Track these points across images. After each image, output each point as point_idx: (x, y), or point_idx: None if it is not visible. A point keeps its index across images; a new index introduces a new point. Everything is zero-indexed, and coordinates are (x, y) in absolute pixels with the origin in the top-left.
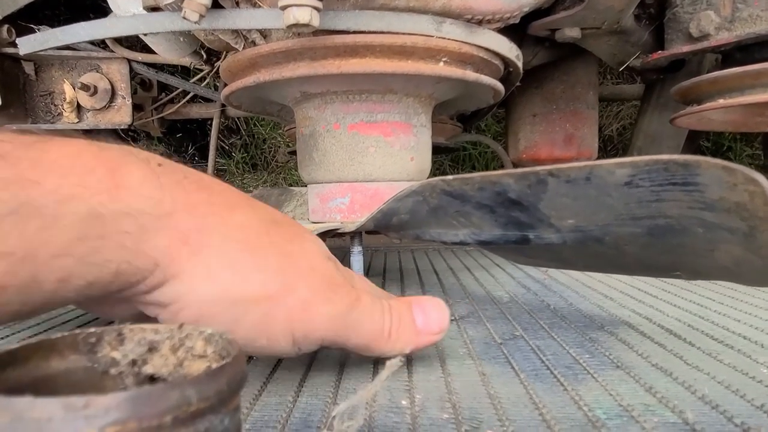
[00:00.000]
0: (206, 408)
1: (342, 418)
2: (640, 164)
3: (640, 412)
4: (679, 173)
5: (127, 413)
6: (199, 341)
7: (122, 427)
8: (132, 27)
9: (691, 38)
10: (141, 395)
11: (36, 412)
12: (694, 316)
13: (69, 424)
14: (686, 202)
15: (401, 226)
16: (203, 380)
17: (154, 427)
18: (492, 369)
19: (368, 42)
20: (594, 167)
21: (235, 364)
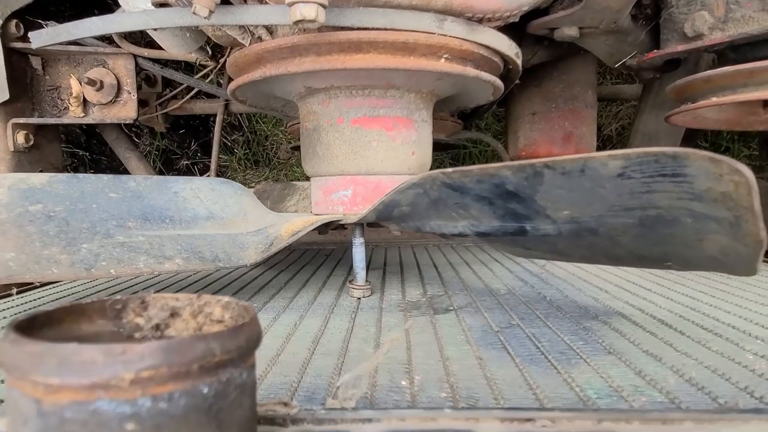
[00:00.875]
0: (228, 360)
1: (346, 388)
2: (632, 156)
3: (630, 393)
4: (669, 165)
5: (159, 360)
6: (217, 308)
7: (155, 372)
8: (143, 22)
9: (685, 38)
10: (172, 345)
11: (81, 356)
12: (686, 307)
13: (109, 367)
14: (676, 193)
15: (402, 218)
16: (226, 335)
17: (182, 373)
18: (489, 354)
19: (372, 38)
20: (588, 159)
21: (252, 325)
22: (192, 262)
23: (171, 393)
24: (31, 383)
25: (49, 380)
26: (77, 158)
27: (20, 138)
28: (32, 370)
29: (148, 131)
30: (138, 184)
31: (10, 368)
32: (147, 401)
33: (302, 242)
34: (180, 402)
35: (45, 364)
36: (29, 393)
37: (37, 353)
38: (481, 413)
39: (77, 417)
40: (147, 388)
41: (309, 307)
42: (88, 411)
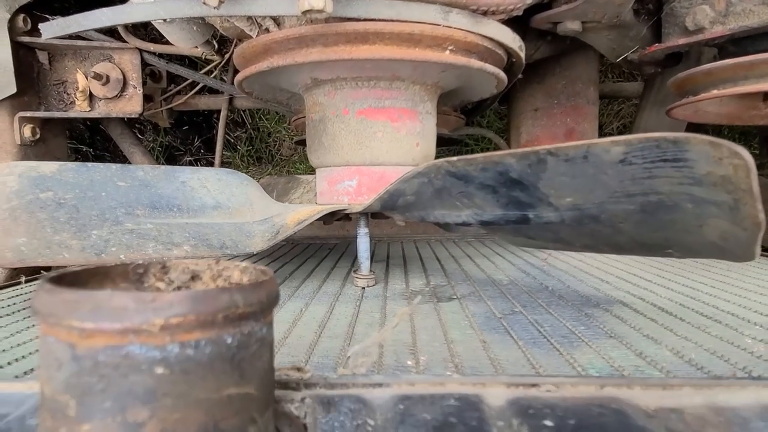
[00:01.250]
0: (250, 313)
1: (356, 357)
2: (634, 142)
3: (630, 372)
4: (670, 150)
5: (187, 308)
6: (236, 271)
7: (183, 319)
8: (152, 12)
9: (686, 31)
10: (199, 295)
11: (114, 302)
12: (686, 296)
13: (140, 313)
14: (676, 178)
15: (406, 208)
16: (248, 289)
17: (208, 322)
18: (492, 337)
19: (378, 29)
20: (591, 145)
21: (271, 283)
22: (200, 249)
23: (197, 341)
24: (66, 329)
25: (84, 324)
26: (81, 154)
27: (27, 131)
28: (67, 315)
29: (151, 127)
30: (146, 174)
31: (45, 315)
32: (175, 347)
33: (305, 236)
34: (206, 350)
35: (80, 309)
36: (64, 338)
37: (73, 300)
38: (487, 378)
39: (110, 360)
40: (175, 334)
41: (314, 295)
42: (120, 355)
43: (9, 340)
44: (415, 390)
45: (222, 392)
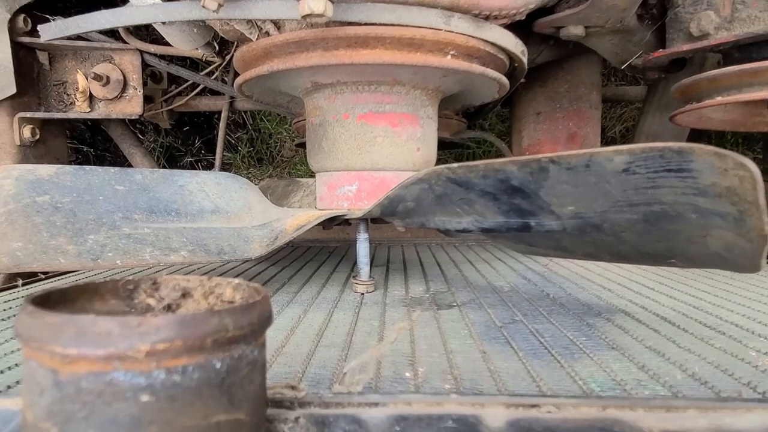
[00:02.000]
0: (240, 336)
1: (353, 373)
2: (637, 151)
3: (633, 386)
4: (674, 160)
5: (174, 333)
6: (228, 289)
7: (170, 345)
8: (152, 15)
9: (691, 37)
10: (186, 319)
11: (97, 327)
12: (689, 306)
13: (125, 339)
14: (680, 188)
15: (407, 214)
16: (238, 311)
17: (196, 347)
18: (492, 348)
19: (379, 34)
20: (593, 154)
21: (263, 303)
22: (197, 255)
23: (185, 366)
24: (49, 354)
25: (67, 350)
26: (81, 154)
27: (26, 132)
28: (50, 340)
29: (152, 128)
30: (144, 177)
31: (27, 339)
32: (161, 373)
33: (305, 239)
34: (194, 375)
35: (63, 334)
36: (46, 363)
37: (56, 324)
38: (486, 399)
39: (93, 387)
40: (162, 360)
41: (313, 301)
42: (104, 381)
43: (2, 347)
44: (412, 410)
45: (210, 419)
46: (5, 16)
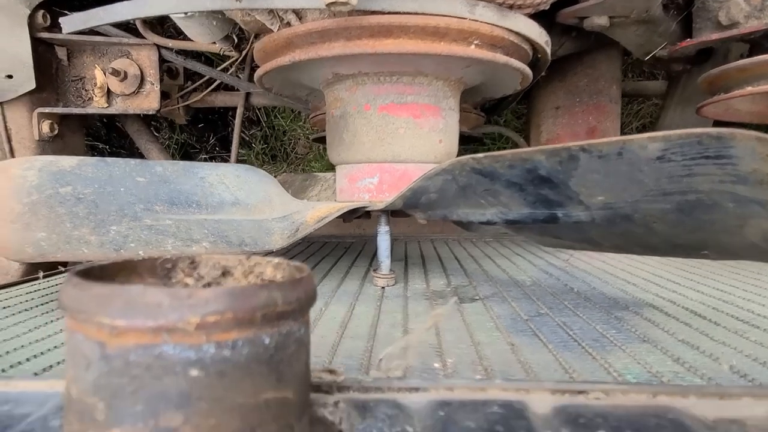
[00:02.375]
0: (289, 312)
1: (390, 359)
2: (673, 138)
3: (670, 378)
4: (713, 146)
5: (224, 305)
6: (269, 267)
7: (221, 317)
8: (174, 5)
9: (719, 26)
10: (236, 291)
11: (147, 297)
12: (718, 300)
13: (175, 310)
14: (718, 176)
15: (429, 206)
16: (287, 286)
17: (246, 321)
18: (520, 340)
19: (403, 23)
20: (627, 141)
21: (309, 280)
22: (219, 246)
23: (235, 341)
24: (96, 325)
25: (115, 322)
26: (97, 151)
27: (45, 127)
28: (98, 312)
29: (167, 125)
30: (165, 169)
31: (74, 311)
32: (211, 347)
33: (320, 234)
34: (243, 350)
35: (111, 305)
36: (93, 336)
37: (104, 295)
38: (531, 384)
39: (142, 361)
40: (211, 334)
41: (333, 294)
42: (152, 355)
43: (27, 336)
44: (455, 395)
45: (259, 397)
46: (25, 12)
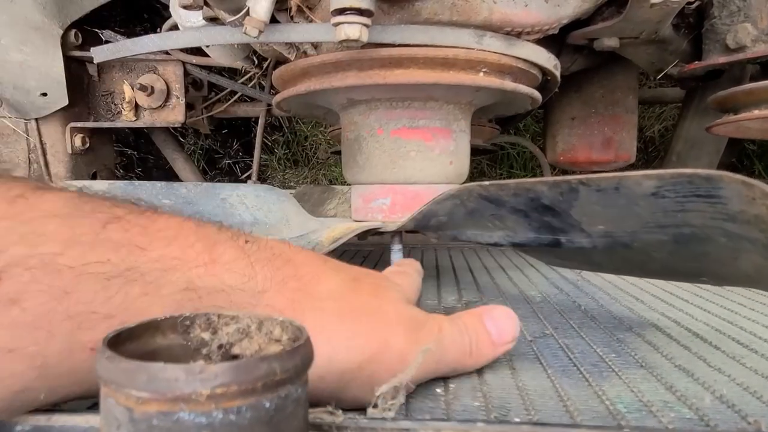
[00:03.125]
0: (286, 378)
1: (385, 398)
2: (666, 177)
3: (659, 408)
4: (703, 186)
5: (230, 378)
6: (277, 327)
7: (227, 389)
8: (196, 39)
9: (727, 49)
10: (240, 365)
11: (167, 373)
12: (723, 320)
13: (189, 384)
14: (709, 213)
15: (439, 227)
16: (285, 356)
17: (249, 390)
18: (521, 364)
19: (412, 54)
20: (622, 178)
21: (306, 346)
22: None
23: (239, 407)
24: (125, 395)
25: (140, 393)
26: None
27: (77, 141)
28: (126, 384)
29: (192, 131)
30: (189, 191)
31: (107, 381)
32: (219, 413)
33: None
34: (246, 415)
35: (137, 380)
36: (122, 403)
37: (130, 370)
38: (511, 428)
39: (163, 425)
40: (219, 402)
41: None
42: (171, 420)
43: None
44: None
45: None
46: (58, 32)
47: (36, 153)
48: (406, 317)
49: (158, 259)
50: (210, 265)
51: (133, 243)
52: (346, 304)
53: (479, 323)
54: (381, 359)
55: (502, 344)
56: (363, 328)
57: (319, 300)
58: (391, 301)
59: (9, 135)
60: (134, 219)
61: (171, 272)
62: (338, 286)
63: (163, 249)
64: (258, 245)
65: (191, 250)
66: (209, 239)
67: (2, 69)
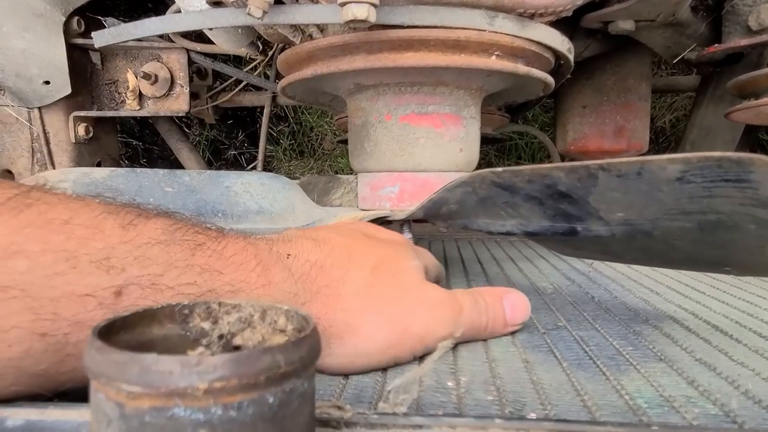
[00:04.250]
0: (292, 371)
1: (397, 392)
2: (693, 160)
3: (682, 404)
4: (733, 170)
5: (230, 371)
6: (281, 317)
7: (226, 383)
8: (199, 22)
9: (749, 31)
10: (241, 357)
11: (160, 366)
12: (743, 313)
13: (185, 377)
14: (738, 199)
15: (450, 216)
16: (289, 348)
17: (251, 384)
18: (535, 357)
19: (423, 36)
20: (645, 162)
21: (313, 336)
22: None
23: (240, 402)
24: (115, 389)
25: (131, 388)
26: (131, 147)
27: (81, 130)
28: (116, 377)
29: (197, 122)
30: (192, 179)
31: (96, 374)
32: (218, 409)
33: None
34: (248, 411)
35: (128, 372)
36: (113, 397)
37: (121, 362)
38: (531, 424)
39: (156, 421)
40: (218, 397)
41: None
42: (165, 416)
43: None
44: None
45: None
46: (60, 19)
47: (39, 142)
48: (426, 301)
49: (230, 282)
50: (267, 287)
51: (213, 268)
52: (369, 300)
53: (499, 304)
54: (402, 344)
55: (513, 325)
56: (384, 319)
57: (346, 300)
58: (410, 287)
59: (12, 124)
60: (212, 245)
61: (238, 294)
62: (361, 283)
63: (233, 274)
64: (299, 259)
65: (253, 273)
66: (265, 263)
67: (4, 56)
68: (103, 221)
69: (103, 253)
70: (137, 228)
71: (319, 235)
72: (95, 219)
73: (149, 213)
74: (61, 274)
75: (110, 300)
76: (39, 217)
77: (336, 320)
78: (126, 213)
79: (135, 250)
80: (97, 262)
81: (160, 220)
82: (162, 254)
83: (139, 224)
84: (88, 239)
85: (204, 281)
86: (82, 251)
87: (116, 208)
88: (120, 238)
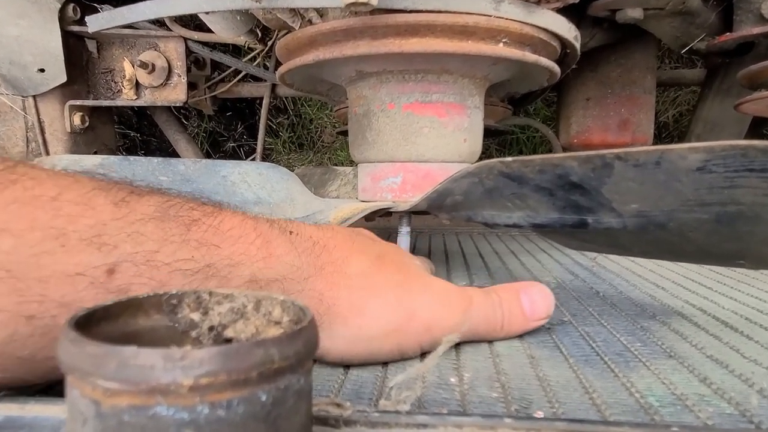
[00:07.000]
0: (287, 367)
1: (399, 389)
2: (716, 149)
3: (695, 402)
4: (759, 159)
5: (218, 366)
6: (277, 308)
7: (214, 379)
8: (195, 5)
9: (762, 19)
10: (231, 351)
11: (140, 359)
12: (752, 309)
13: (168, 372)
14: (762, 190)
15: (454, 207)
16: (284, 341)
17: (241, 381)
18: (540, 353)
19: (430, 21)
20: (665, 151)
21: (310, 329)
22: None
23: (229, 400)
24: (91, 385)
25: (108, 384)
26: (129, 139)
27: (76, 120)
28: (91, 372)
29: (196, 113)
30: (187, 168)
31: (70, 368)
32: (205, 408)
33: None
34: (238, 410)
35: (104, 367)
36: (88, 394)
37: (97, 355)
38: (543, 424)
39: (136, 421)
40: (205, 395)
41: None
42: (146, 416)
43: None
44: None
45: None
46: (56, 6)
47: (34, 131)
48: (432, 289)
49: (229, 255)
50: (268, 259)
51: (210, 242)
52: (374, 280)
53: (515, 298)
54: (407, 330)
55: (535, 320)
56: (389, 301)
57: (350, 278)
58: (415, 276)
59: (6, 113)
60: (208, 221)
61: (238, 267)
62: (366, 264)
63: (232, 247)
64: (301, 236)
65: (252, 246)
66: (265, 236)
67: None
68: (94, 198)
69: (94, 230)
70: (130, 205)
71: (320, 225)
72: (85, 195)
73: (142, 190)
74: (50, 252)
75: (102, 278)
76: (25, 193)
77: (341, 297)
78: (118, 190)
79: (128, 226)
80: (87, 239)
81: (153, 197)
82: (156, 230)
83: (131, 201)
84: (78, 216)
85: (201, 256)
86: (71, 228)
87: (107, 184)
88: (112, 215)
